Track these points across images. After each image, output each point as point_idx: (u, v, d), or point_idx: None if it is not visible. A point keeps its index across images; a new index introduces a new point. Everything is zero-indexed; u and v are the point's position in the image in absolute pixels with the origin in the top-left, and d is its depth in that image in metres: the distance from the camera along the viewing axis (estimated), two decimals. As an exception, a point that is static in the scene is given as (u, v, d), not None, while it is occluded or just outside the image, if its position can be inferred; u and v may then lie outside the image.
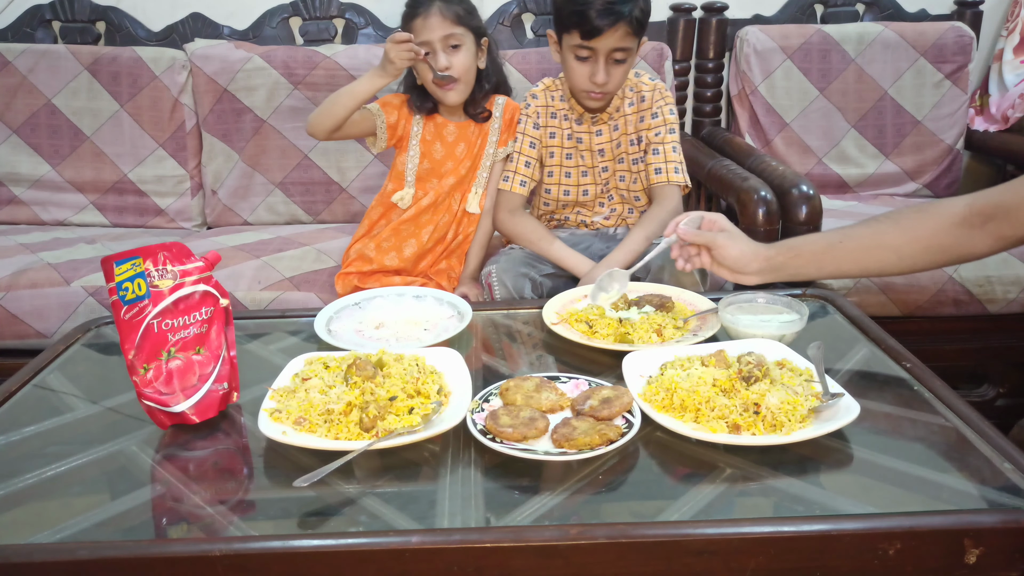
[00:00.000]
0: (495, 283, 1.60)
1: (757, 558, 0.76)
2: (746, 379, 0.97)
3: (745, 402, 0.93)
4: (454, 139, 1.75)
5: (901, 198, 2.25)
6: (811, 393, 0.96)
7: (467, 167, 1.76)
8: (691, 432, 0.91)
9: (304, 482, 0.83)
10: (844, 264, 1.19)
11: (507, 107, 1.77)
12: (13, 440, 0.97)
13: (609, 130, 1.70)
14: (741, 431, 0.91)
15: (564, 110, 1.71)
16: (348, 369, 1.01)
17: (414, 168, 1.75)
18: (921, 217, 1.14)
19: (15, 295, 1.73)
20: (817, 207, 1.67)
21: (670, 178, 1.66)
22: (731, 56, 2.30)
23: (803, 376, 1.01)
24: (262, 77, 2.11)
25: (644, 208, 1.76)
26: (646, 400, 0.98)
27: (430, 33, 1.62)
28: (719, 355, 1.04)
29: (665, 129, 1.68)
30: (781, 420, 0.91)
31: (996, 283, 1.75)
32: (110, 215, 2.20)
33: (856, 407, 0.92)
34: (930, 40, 2.22)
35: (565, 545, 0.75)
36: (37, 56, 2.14)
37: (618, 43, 1.53)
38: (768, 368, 1.00)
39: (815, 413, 0.93)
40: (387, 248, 1.73)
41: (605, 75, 1.56)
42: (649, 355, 1.09)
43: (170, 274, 0.97)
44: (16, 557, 0.76)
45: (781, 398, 0.93)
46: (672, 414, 0.95)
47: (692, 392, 0.95)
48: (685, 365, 1.03)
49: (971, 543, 0.75)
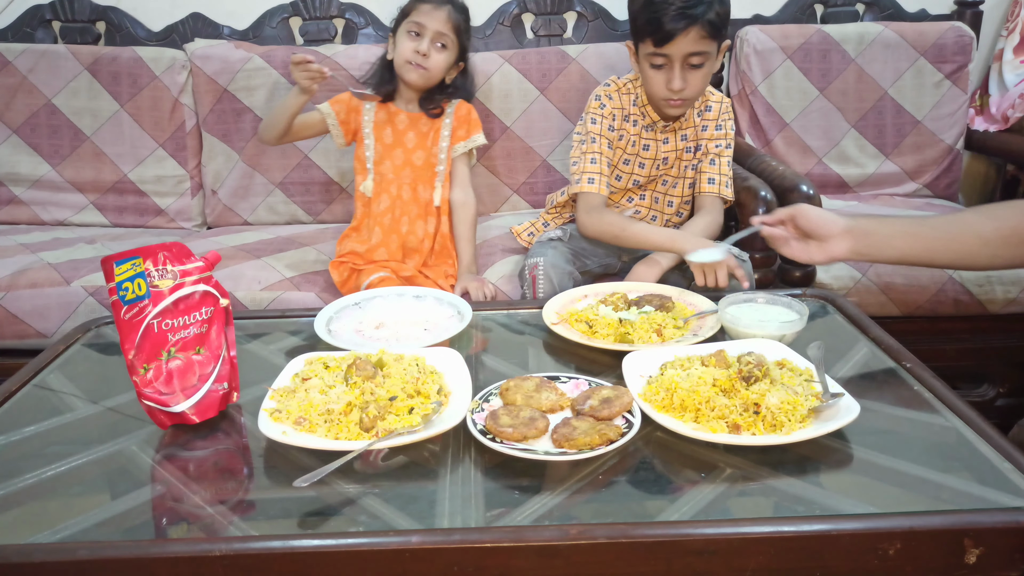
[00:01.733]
0: (540, 276, 1.58)
1: (757, 558, 0.76)
2: (746, 379, 0.97)
3: (745, 402, 0.93)
4: (404, 127, 1.80)
5: (901, 198, 2.25)
6: (811, 393, 0.96)
7: (421, 159, 1.80)
8: (691, 432, 0.91)
9: (304, 482, 0.83)
10: (935, 245, 1.13)
11: (460, 106, 1.83)
12: (13, 440, 0.97)
13: (676, 139, 1.69)
14: (741, 431, 0.91)
15: (635, 115, 1.69)
16: (348, 369, 1.01)
17: (372, 156, 1.80)
18: (1008, 206, 1.11)
19: (15, 295, 1.73)
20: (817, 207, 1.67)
21: (721, 192, 1.68)
22: (731, 56, 2.30)
23: (803, 376, 1.01)
24: (262, 77, 2.11)
25: (670, 216, 1.76)
26: (646, 400, 0.98)
27: (429, 21, 1.70)
28: (719, 355, 1.03)
29: (725, 143, 1.69)
30: (781, 420, 0.91)
31: (996, 283, 1.75)
32: (110, 215, 2.20)
33: (856, 407, 0.92)
34: (930, 40, 2.22)
35: (565, 545, 0.75)
36: (37, 56, 2.14)
37: (693, 47, 1.50)
38: (768, 368, 1.00)
39: (815, 413, 0.93)
40: (376, 245, 1.76)
41: (682, 81, 1.53)
42: (649, 355, 1.09)
43: (170, 274, 0.97)
44: (16, 557, 0.76)
45: (781, 398, 0.93)
46: (672, 414, 0.95)
47: (692, 392, 0.95)
48: (685, 365, 1.03)
49: (971, 543, 0.75)
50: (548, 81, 2.16)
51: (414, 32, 1.70)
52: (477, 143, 1.84)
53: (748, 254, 1.61)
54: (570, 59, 2.17)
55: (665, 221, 1.76)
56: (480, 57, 2.18)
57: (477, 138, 1.84)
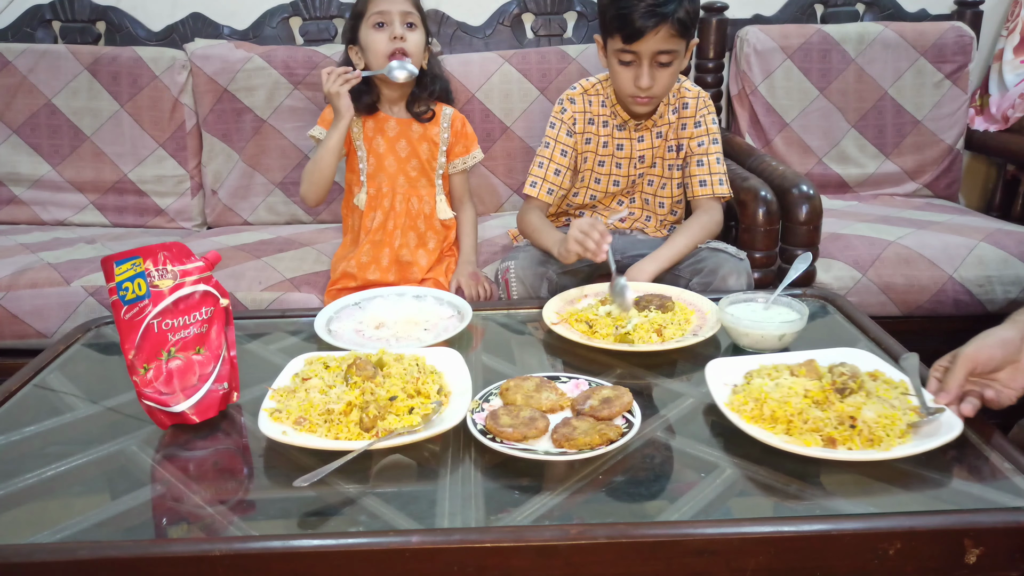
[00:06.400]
0: (513, 280, 1.58)
1: (757, 558, 0.76)
2: (840, 391, 0.93)
3: (840, 415, 0.89)
4: (395, 134, 1.76)
5: (901, 198, 2.25)
6: (908, 407, 0.92)
7: (416, 168, 1.77)
8: (782, 445, 0.87)
9: (304, 482, 0.83)
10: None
11: (455, 118, 1.81)
12: (13, 440, 0.97)
13: (652, 137, 1.68)
14: (837, 445, 0.87)
15: (604, 115, 1.67)
16: (348, 369, 1.01)
17: (365, 168, 1.77)
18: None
19: (15, 295, 1.73)
20: (817, 207, 1.67)
21: (715, 191, 1.65)
22: (731, 56, 2.30)
23: (898, 389, 0.96)
24: (262, 77, 2.11)
25: (664, 217, 1.75)
26: (733, 410, 0.94)
27: (391, 5, 1.66)
28: (810, 364, 0.99)
29: (708, 139, 1.66)
30: (879, 435, 0.87)
31: (996, 283, 1.75)
32: (110, 215, 2.20)
33: (958, 424, 0.88)
34: (930, 40, 2.22)
35: (565, 545, 0.75)
36: (37, 56, 2.14)
37: (662, 45, 1.49)
38: (863, 380, 0.96)
39: (914, 428, 0.89)
40: (366, 263, 1.71)
41: (650, 79, 1.52)
42: (733, 363, 1.05)
43: (170, 274, 0.97)
44: (16, 557, 0.76)
45: (878, 411, 0.89)
46: (762, 425, 0.91)
47: (783, 403, 0.91)
48: (772, 374, 0.99)
49: (971, 543, 0.75)
50: (548, 81, 2.16)
51: (379, 23, 1.65)
52: (477, 159, 1.84)
53: (746, 253, 1.61)
54: (570, 59, 2.17)
55: (660, 222, 1.76)
56: (480, 57, 2.18)
57: (477, 155, 1.84)
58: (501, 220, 2.13)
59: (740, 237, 1.71)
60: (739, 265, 1.53)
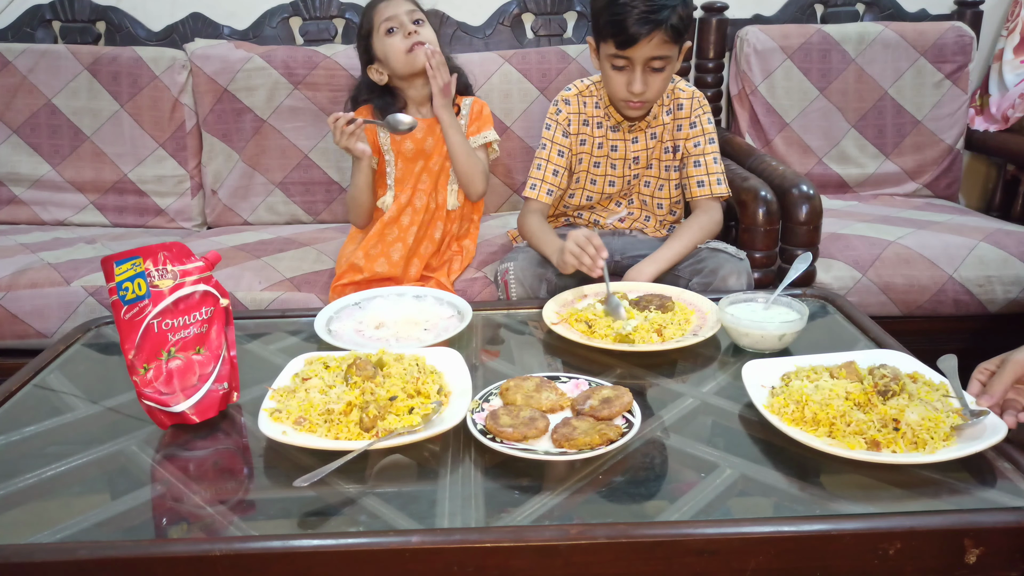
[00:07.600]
0: (512, 281, 1.58)
1: (757, 558, 0.76)
2: (882, 393, 0.93)
3: (883, 418, 0.89)
4: (423, 134, 1.77)
5: (901, 198, 2.25)
6: (951, 410, 0.91)
7: (438, 164, 1.78)
8: (826, 447, 0.86)
9: (304, 482, 0.83)
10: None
11: (474, 104, 1.83)
12: (13, 440, 0.97)
13: (646, 138, 1.68)
14: (880, 448, 0.86)
15: (599, 117, 1.68)
16: (348, 369, 1.01)
17: (393, 172, 1.78)
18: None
19: (15, 295, 1.73)
20: (817, 207, 1.67)
21: (714, 191, 1.65)
22: (731, 56, 2.30)
23: (939, 391, 0.95)
24: (262, 77, 2.11)
25: (663, 217, 1.75)
26: (773, 412, 0.93)
27: (396, 9, 1.71)
28: (849, 366, 0.98)
29: (704, 139, 1.66)
30: (923, 438, 0.86)
31: (996, 283, 1.75)
32: (110, 215, 2.20)
33: (1003, 427, 0.87)
34: (930, 40, 2.22)
35: (565, 545, 0.75)
36: (37, 56, 2.14)
37: (655, 51, 1.49)
38: (904, 382, 0.95)
39: (957, 431, 0.88)
40: (375, 255, 1.72)
41: (643, 84, 1.52)
42: (769, 364, 1.04)
43: (170, 274, 0.97)
44: (16, 557, 0.76)
45: (921, 414, 0.88)
46: (804, 428, 0.90)
47: (825, 405, 0.91)
48: (811, 376, 0.98)
49: (971, 543, 0.75)
50: (548, 81, 2.16)
51: (391, 28, 1.70)
52: (488, 138, 1.82)
53: (746, 253, 1.61)
54: (570, 59, 2.17)
55: (659, 222, 1.76)
56: (480, 57, 2.18)
57: (488, 134, 1.81)
58: (501, 220, 2.13)
59: (740, 237, 1.71)
60: (739, 265, 1.53)
